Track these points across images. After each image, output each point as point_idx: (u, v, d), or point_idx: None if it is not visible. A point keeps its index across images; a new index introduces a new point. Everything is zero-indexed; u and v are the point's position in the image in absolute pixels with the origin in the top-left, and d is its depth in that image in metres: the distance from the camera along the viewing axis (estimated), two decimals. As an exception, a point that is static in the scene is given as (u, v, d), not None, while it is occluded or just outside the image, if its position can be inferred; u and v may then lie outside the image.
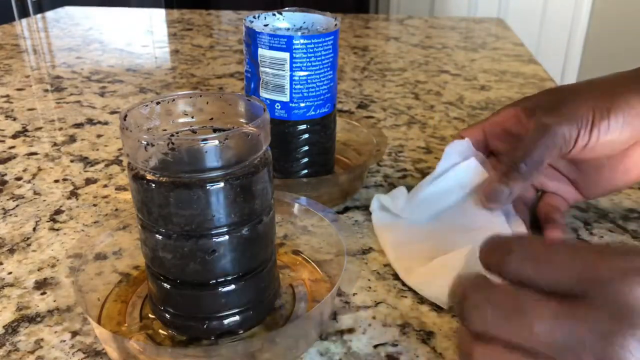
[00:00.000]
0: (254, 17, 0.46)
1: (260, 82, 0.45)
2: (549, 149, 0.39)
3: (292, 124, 0.46)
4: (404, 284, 0.38)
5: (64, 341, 0.33)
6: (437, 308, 0.36)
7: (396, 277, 0.39)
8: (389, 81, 0.85)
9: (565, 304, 0.22)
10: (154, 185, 0.28)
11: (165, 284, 0.31)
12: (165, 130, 0.31)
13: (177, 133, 0.31)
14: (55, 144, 0.61)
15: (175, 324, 0.32)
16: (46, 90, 0.79)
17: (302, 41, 0.43)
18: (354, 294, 0.38)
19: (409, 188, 0.46)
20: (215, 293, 0.31)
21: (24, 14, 2.01)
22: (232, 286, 0.31)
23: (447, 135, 0.64)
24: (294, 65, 0.44)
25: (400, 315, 0.36)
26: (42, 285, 0.38)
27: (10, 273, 0.39)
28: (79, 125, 0.66)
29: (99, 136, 0.63)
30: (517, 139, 0.42)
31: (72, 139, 0.62)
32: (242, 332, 0.33)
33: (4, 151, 0.59)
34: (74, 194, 0.50)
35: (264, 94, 0.46)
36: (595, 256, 0.23)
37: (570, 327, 0.21)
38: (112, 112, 0.71)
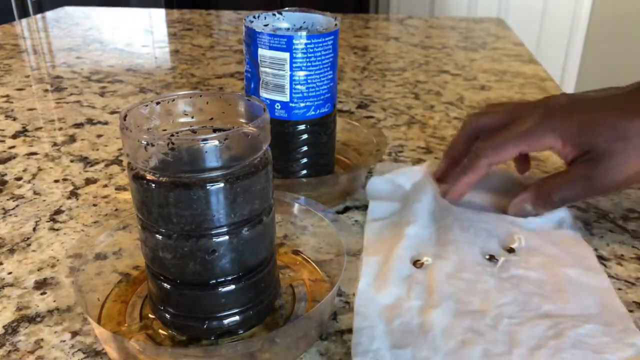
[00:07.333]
0: (254, 17, 0.46)
1: (260, 82, 0.45)
2: (586, 195, 0.44)
3: (292, 124, 0.46)
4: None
5: (64, 341, 0.33)
6: (437, 308, 0.36)
7: (396, 277, 0.39)
8: (389, 81, 0.85)
9: None
10: (153, 185, 0.28)
11: (165, 284, 0.31)
12: (165, 130, 0.31)
13: (177, 133, 0.31)
14: (55, 144, 0.61)
15: (175, 324, 0.32)
16: (46, 90, 0.79)
17: (302, 41, 0.43)
18: (354, 294, 0.38)
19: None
20: (215, 293, 0.31)
21: (24, 14, 2.01)
22: (232, 286, 0.31)
23: (447, 135, 0.64)
24: (294, 65, 0.44)
25: (400, 315, 0.36)
26: (42, 285, 0.38)
27: (10, 273, 0.39)
28: (79, 125, 0.66)
29: (99, 136, 0.63)
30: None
31: (72, 139, 0.62)
32: (242, 332, 0.33)
33: (4, 151, 0.59)
34: (74, 194, 0.50)
35: (264, 94, 0.46)
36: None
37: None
38: (112, 112, 0.71)
